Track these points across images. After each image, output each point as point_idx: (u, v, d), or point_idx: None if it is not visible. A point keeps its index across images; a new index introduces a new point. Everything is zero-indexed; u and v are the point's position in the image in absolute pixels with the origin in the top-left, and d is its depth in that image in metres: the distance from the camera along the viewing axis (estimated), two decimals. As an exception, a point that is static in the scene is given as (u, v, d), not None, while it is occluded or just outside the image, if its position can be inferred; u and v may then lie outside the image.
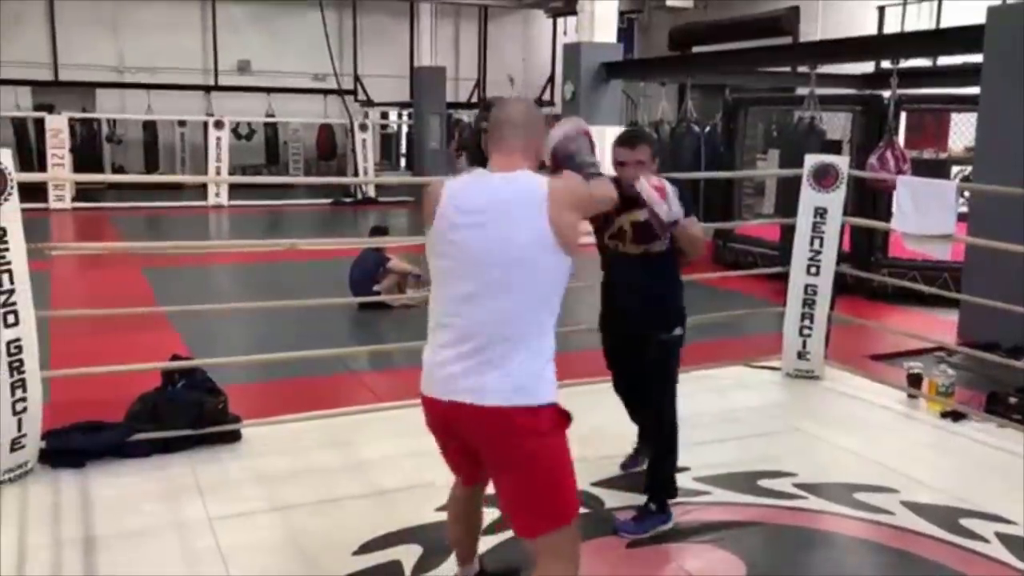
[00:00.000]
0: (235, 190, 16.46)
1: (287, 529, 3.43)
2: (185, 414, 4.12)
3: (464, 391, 2.35)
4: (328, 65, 17.41)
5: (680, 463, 3.96)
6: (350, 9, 20.45)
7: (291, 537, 3.37)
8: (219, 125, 16.66)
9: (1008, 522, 3.52)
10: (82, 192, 15.70)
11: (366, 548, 3.25)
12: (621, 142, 3.41)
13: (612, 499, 3.69)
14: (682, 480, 3.80)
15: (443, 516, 3.46)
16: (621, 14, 14.57)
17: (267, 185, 17.31)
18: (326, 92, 19.09)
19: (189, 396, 4.23)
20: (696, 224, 3.41)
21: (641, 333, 3.48)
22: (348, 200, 17.21)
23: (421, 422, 4.21)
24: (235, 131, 18.56)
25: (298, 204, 16.76)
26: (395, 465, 4.03)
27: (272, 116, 19.06)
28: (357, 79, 19.99)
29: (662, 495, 3.49)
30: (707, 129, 11.21)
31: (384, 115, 22.64)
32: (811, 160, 5.33)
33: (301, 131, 20.20)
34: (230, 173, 16.93)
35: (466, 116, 23.49)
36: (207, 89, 18.95)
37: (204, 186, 16.62)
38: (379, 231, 8.55)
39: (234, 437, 4.24)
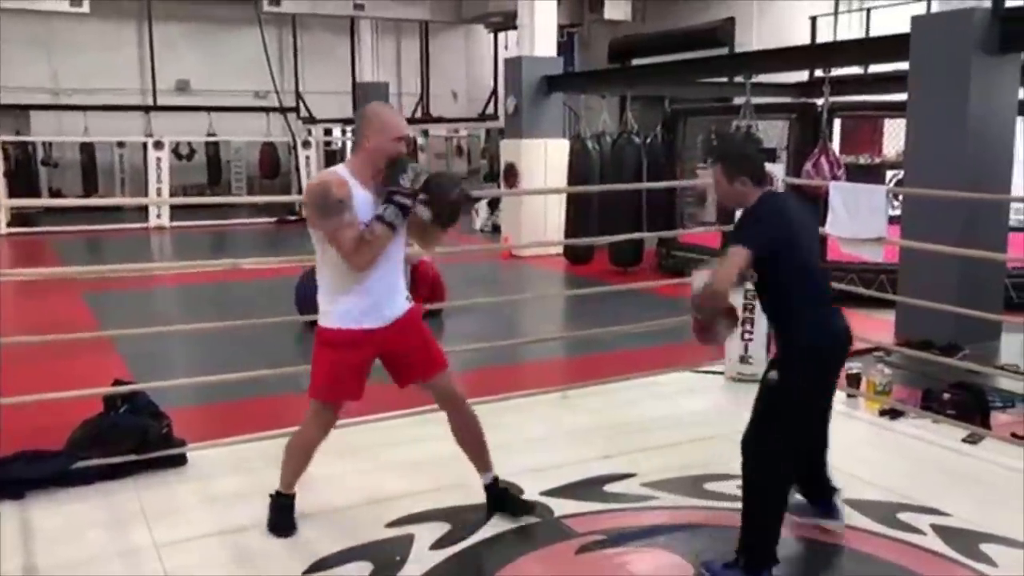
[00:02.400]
0: (177, 211, 16.23)
1: (236, 552, 3.40)
2: (129, 439, 4.07)
3: None
4: (269, 83, 17.32)
5: (627, 469, 4.04)
6: (290, 26, 20.36)
7: (241, 559, 3.34)
8: (159, 146, 16.44)
9: (943, 514, 3.64)
10: (18, 217, 15.36)
11: (316, 567, 3.24)
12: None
13: (561, 507, 3.72)
14: (629, 486, 3.87)
15: (394, 532, 3.49)
16: (561, 28, 14.75)
17: (210, 205, 17.12)
18: (268, 110, 18.96)
19: (132, 421, 4.18)
20: (720, 267, 3.08)
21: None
22: (293, 218, 17.07)
23: (371, 439, 4.23)
24: (175, 151, 18.31)
25: (242, 223, 16.60)
26: (345, 483, 4.02)
27: (213, 135, 18.86)
28: (299, 96, 19.90)
29: (746, 557, 3.10)
30: (648, 140, 11.37)
31: (328, 132, 22.53)
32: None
33: (243, 150, 20.02)
34: (171, 194, 16.71)
35: (410, 131, 23.50)
36: (146, 109, 18.70)
37: (145, 208, 16.38)
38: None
39: (180, 461, 4.19)
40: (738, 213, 3.46)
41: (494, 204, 15.44)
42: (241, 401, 5.34)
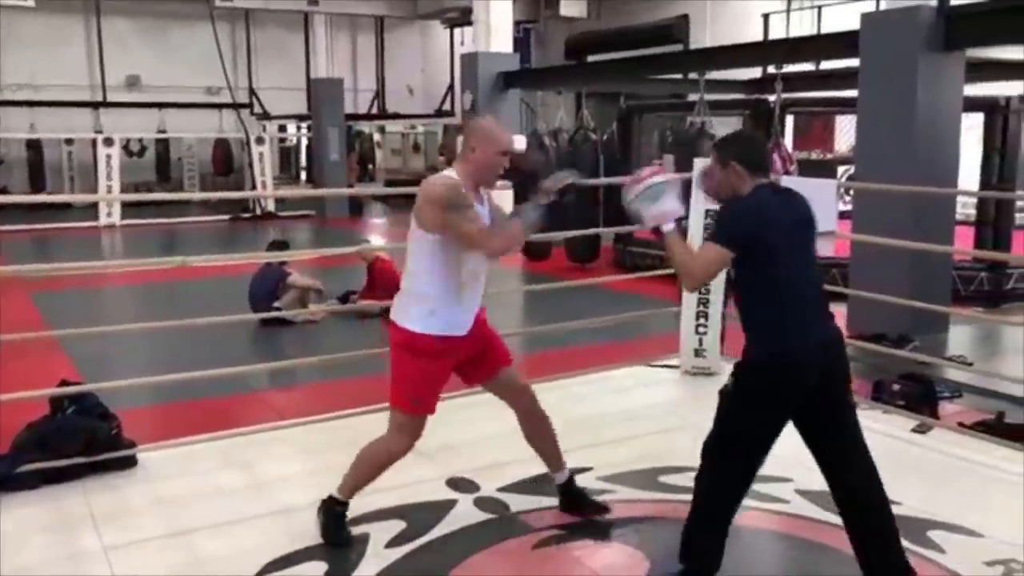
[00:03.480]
0: (128, 209, 15.97)
1: (187, 554, 3.34)
2: (76, 441, 3.98)
3: None
4: (222, 78, 17.08)
5: (583, 463, 4.04)
6: (243, 21, 20.10)
7: (191, 562, 3.29)
8: (108, 142, 16.15)
9: (893, 503, 3.67)
10: (-38, 215, 15.00)
11: (269, 569, 3.19)
12: None
13: (517, 503, 3.72)
14: (585, 480, 3.87)
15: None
16: (517, 24, 14.74)
17: (161, 202, 16.85)
18: (220, 106, 18.72)
19: (80, 422, 4.08)
20: (683, 243, 2.93)
21: None
22: (247, 215, 16.90)
23: (324, 439, 4.20)
24: (126, 148, 18.02)
25: (195, 221, 16.36)
26: (299, 483, 3.97)
27: (164, 132, 18.57)
28: (252, 92, 19.66)
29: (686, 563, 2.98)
30: (604, 136, 11.42)
31: (282, 128, 22.34)
32: (700, 164, 5.49)
33: (195, 146, 19.76)
34: (122, 191, 16.42)
35: (366, 127, 23.39)
36: (95, 105, 18.34)
37: (95, 205, 16.07)
38: (278, 245, 8.43)
39: (129, 463, 4.11)
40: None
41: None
42: (193, 401, 5.27)
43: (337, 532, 3.36)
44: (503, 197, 3.62)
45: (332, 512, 3.37)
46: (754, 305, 2.88)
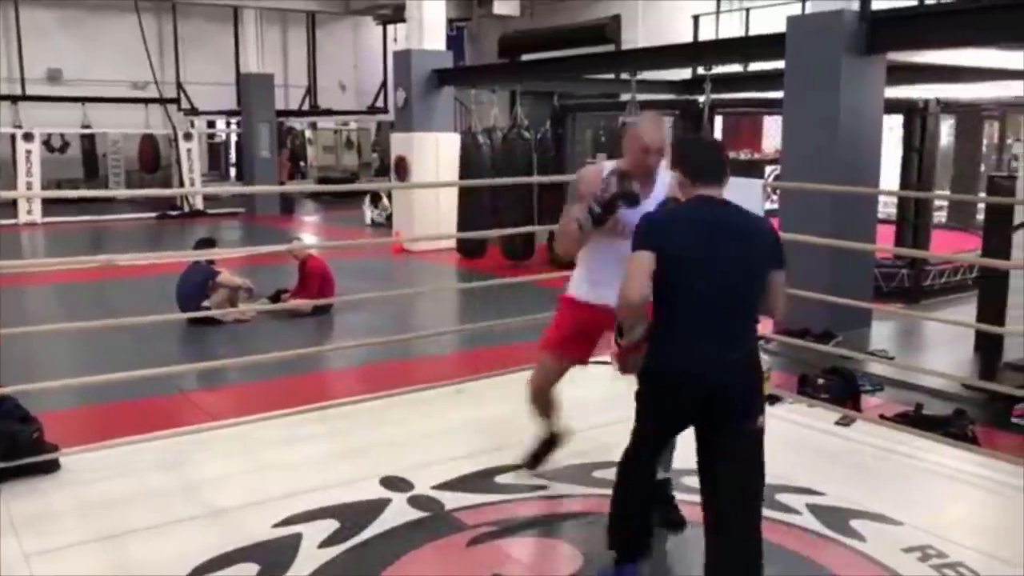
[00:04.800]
0: (50, 206, 15.49)
1: (115, 558, 3.27)
2: (-5, 446, 3.86)
3: None
4: (148, 72, 16.69)
5: (518, 459, 4.07)
6: (170, 14, 19.64)
7: (119, 566, 3.22)
8: (28, 137, 15.65)
9: (817, 493, 3.81)
10: None
11: (200, 571, 3.14)
12: None
13: (452, 500, 3.73)
14: (519, 477, 3.91)
15: (281, 532, 3.42)
16: (450, 21, 14.70)
17: (86, 200, 16.37)
18: (147, 101, 18.27)
19: (-1, 426, 3.96)
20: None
21: None
22: (175, 213, 16.56)
23: (258, 438, 4.15)
24: (47, 143, 17.48)
25: (121, 219, 15.96)
26: (231, 483, 3.92)
27: (88, 127, 18.05)
28: (180, 87, 19.23)
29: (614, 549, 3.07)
30: (538, 135, 11.48)
31: (211, 124, 21.92)
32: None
33: (121, 142, 19.25)
34: (43, 188, 15.92)
35: (298, 123, 23.10)
36: (13, 99, 17.71)
37: (14, 203, 15.54)
38: (206, 243, 8.27)
39: (52, 467, 4.00)
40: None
41: (384, 198, 15.30)
42: (120, 403, 5.15)
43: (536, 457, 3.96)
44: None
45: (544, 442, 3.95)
46: (654, 313, 2.79)
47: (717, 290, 2.74)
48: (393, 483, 3.88)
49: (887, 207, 10.05)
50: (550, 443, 3.98)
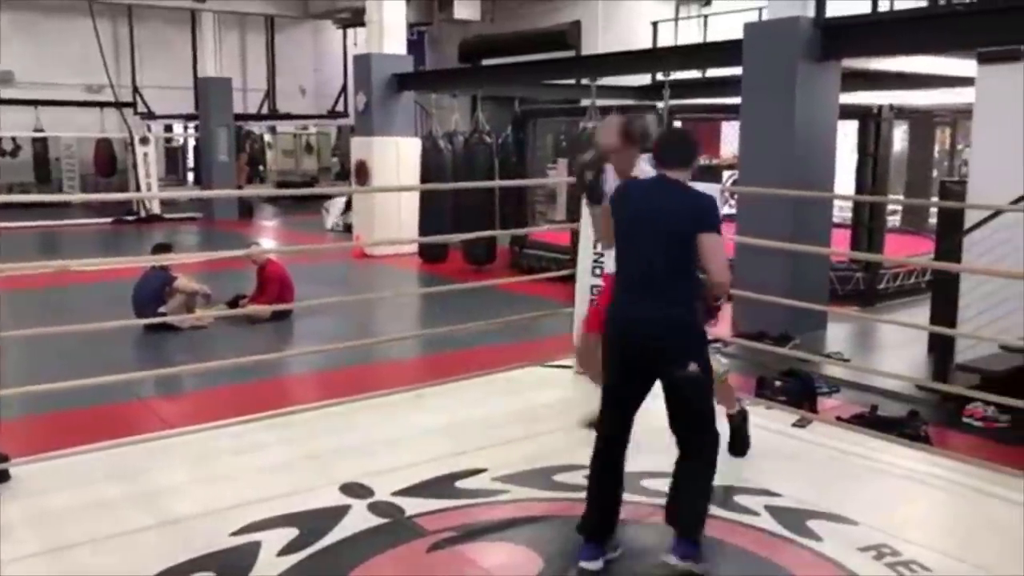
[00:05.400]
0: (1, 211, 15.17)
1: (67, 570, 3.21)
2: (-56, 456, 3.77)
3: None
4: (103, 76, 16.42)
5: (478, 465, 4.09)
6: (125, 17, 19.35)
7: (72, 578, 3.16)
8: (-22, 141, 15.32)
9: (775, 495, 3.85)
10: None
11: (156, 581, 3.10)
12: None
13: (413, 506, 3.71)
14: (480, 481, 3.91)
15: (239, 540, 3.39)
16: (411, 26, 14.66)
17: (39, 205, 16.09)
18: (102, 105, 17.99)
19: (-52, 437, 3.87)
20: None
21: None
22: (131, 218, 16.30)
23: (216, 445, 4.12)
24: (-2, 147, 17.13)
25: (75, 224, 15.68)
26: (188, 492, 3.87)
27: (41, 131, 17.72)
28: (136, 90, 18.97)
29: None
30: (500, 140, 11.50)
31: (168, 128, 21.64)
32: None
33: (75, 146, 18.92)
34: (-6, 192, 15.62)
35: (257, 127, 22.87)
36: (-38, 102, 17.40)
37: (-36, 207, 15.22)
38: (163, 248, 8.15)
39: (2, 477, 3.91)
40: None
41: (347, 203, 15.21)
42: (74, 411, 5.06)
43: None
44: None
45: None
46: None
47: (645, 255, 3.20)
48: (353, 489, 3.85)
49: (842, 211, 10.20)
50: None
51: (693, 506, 3.24)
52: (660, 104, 9.70)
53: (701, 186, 3.47)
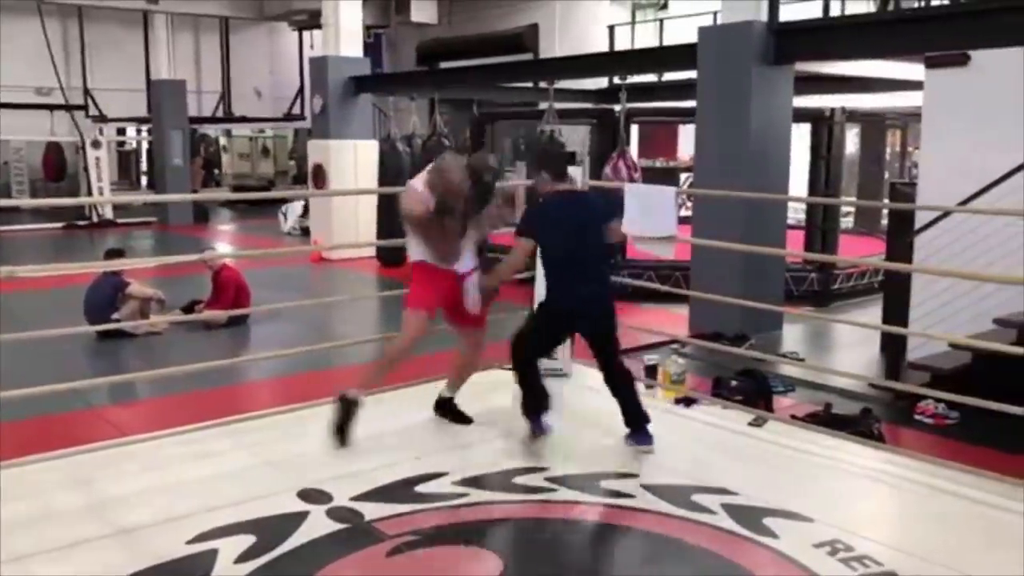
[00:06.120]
0: (-53, 216, 14.85)
1: (18, 582, 3.15)
2: None
3: None
4: (53, 78, 16.12)
5: (438, 468, 4.08)
6: (75, 18, 19.00)
7: (23, 590, 3.10)
8: (-77, 144, 14.96)
9: (732, 493, 3.89)
10: None
11: (110, 591, 3.05)
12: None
13: (372, 511, 3.69)
14: (440, 485, 3.90)
15: (195, 548, 3.34)
16: (367, 28, 14.62)
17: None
18: (52, 107, 17.65)
19: None
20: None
21: None
22: (83, 223, 16.02)
23: (170, 453, 4.05)
24: (-57, 151, 16.73)
25: (24, 229, 15.38)
26: (142, 501, 3.80)
27: (-11, 134, 17.35)
28: (87, 93, 18.64)
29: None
30: (458, 143, 11.49)
31: (121, 131, 21.29)
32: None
33: (24, 150, 18.53)
34: (-60, 197, 15.25)
35: (212, 130, 22.62)
36: (-94, 104, 16.96)
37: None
38: (115, 253, 8.02)
39: (-49, 488, 3.82)
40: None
41: (304, 207, 15.10)
42: (25, 420, 4.96)
43: (344, 430, 4.29)
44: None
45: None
46: (544, 272, 4.51)
47: (580, 252, 4.27)
48: (310, 495, 3.81)
49: (797, 213, 10.36)
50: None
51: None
52: (617, 107, 9.76)
53: (657, 189, 3.63)
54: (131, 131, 21.68)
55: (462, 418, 4.75)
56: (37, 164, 18.61)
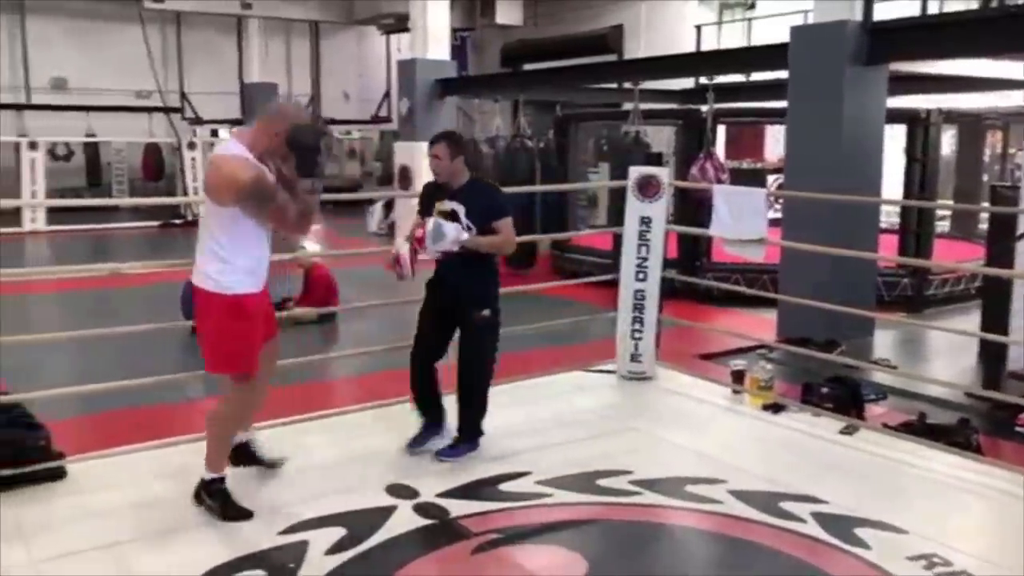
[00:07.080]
0: (54, 214, 15.53)
1: (120, 567, 3.28)
2: (3, 452, 3.87)
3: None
4: (152, 82, 16.73)
5: (522, 468, 4.10)
6: (174, 24, 19.71)
7: (123, 574, 3.23)
8: (33, 146, 15.69)
9: (822, 502, 3.81)
10: None
11: (205, 578, 3.16)
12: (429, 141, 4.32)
13: (457, 508, 3.73)
14: (523, 484, 3.92)
15: (286, 539, 3.44)
16: (454, 31, 14.76)
17: (89, 208, 16.42)
18: (151, 110, 18.33)
19: (7, 434, 3.97)
20: (484, 237, 4.34)
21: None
22: (178, 222, 16.57)
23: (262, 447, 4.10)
24: (51, 152, 17.51)
25: (124, 227, 15.99)
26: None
27: (92, 136, 18.10)
28: (184, 96, 19.30)
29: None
30: (541, 144, 11.51)
31: (214, 133, 21.95)
32: (634, 172, 5.59)
33: (125, 151, 19.28)
34: (47, 196, 15.97)
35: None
36: (18, 108, 17.80)
37: (18, 211, 15.59)
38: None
39: (59, 474, 4.01)
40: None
41: (389, 206, 15.32)
42: (125, 411, 5.16)
43: (235, 507, 3.62)
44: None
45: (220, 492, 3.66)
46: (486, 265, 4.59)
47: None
48: (398, 490, 3.88)
49: (890, 216, 10.06)
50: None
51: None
52: (704, 108, 9.64)
53: (746, 190, 3.50)
54: (223, 133, 22.33)
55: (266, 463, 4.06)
56: (137, 164, 19.32)
